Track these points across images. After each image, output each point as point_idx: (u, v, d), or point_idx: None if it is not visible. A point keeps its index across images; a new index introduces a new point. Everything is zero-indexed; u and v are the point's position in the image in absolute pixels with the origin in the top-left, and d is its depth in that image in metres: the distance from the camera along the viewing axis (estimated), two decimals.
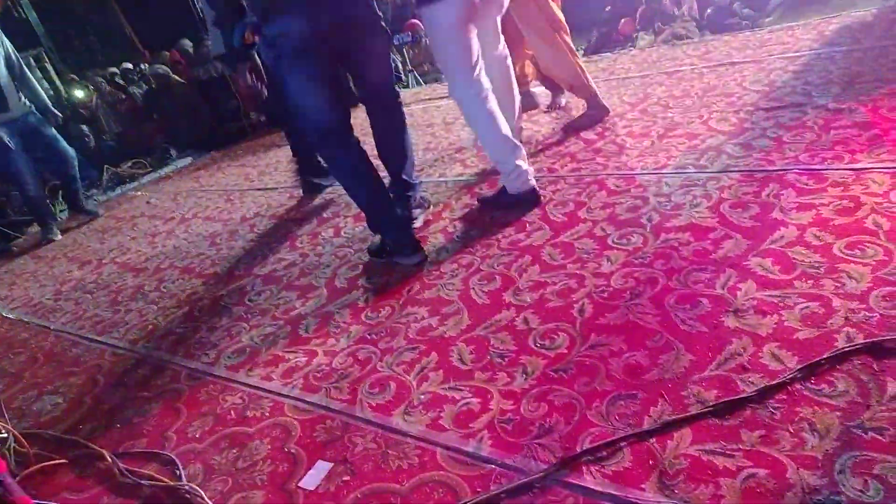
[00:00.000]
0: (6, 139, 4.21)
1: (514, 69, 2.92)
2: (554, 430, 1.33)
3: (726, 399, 1.26)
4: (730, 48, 3.92)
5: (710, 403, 1.26)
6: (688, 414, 1.26)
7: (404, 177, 2.63)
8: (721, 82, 3.25)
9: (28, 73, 4.53)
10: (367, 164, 2.31)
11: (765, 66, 3.28)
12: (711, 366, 1.37)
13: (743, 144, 2.41)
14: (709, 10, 7.67)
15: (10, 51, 4.32)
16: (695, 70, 3.65)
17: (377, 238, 2.43)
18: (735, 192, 2.06)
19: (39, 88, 4.63)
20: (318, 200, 3.48)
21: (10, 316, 3.18)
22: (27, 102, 4.39)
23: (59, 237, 4.64)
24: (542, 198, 2.47)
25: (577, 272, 1.89)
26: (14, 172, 4.40)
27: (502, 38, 2.71)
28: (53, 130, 4.58)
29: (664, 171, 2.40)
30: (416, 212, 2.66)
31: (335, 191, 3.45)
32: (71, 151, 4.77)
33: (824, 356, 1.28)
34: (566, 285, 1.84)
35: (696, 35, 6.82)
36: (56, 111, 4.72)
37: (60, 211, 5.39)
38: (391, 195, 2.44)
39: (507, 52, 2.75)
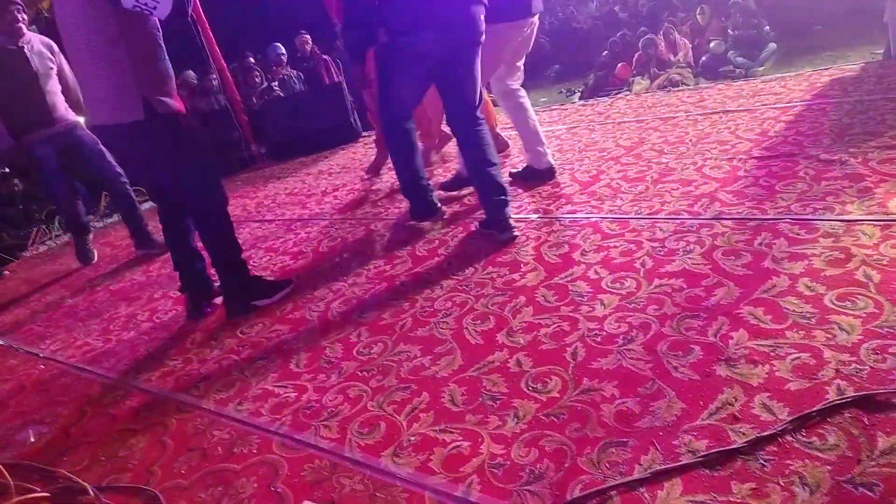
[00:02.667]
0: (42, 158, 3.87)
1: None
2: (544, 477, 1.32)
3: (717, 449, 1.25)
4: (724, 96, 4.01)
5: (701, 453, 1.26)
6: (679, 463, 1.25)
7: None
8: (715, 130, 3.31)
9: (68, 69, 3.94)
10: (414, 153, 2.94)
11: (758, 116, 3.35)
12: (703, 415, 1.37)
13: (736, 192, 2.45)
14: (704, 58, 7.87)
15: (65, 65, 3.89)
16: (689, 117, 3.73)
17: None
18: (728, 239, 2.09)
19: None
20: (313, 234, 3.49)
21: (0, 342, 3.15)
22: (72, 117, 3.95)
23: (95, 258, 4.34)
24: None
25: (571, 315, 1.90)
26: (51, 191, 4.15)
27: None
28: (102, 147, 3.93)
29: (658, 216, 2.43)
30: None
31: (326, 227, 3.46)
32: (118, 168, 4.08)
33: (815, 409, 1.28)
34: (559, 328, 1.85)
35: (691, 81, 6.98)
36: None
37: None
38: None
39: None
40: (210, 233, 2.56)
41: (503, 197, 2.60)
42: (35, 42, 3.84)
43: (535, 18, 3.09)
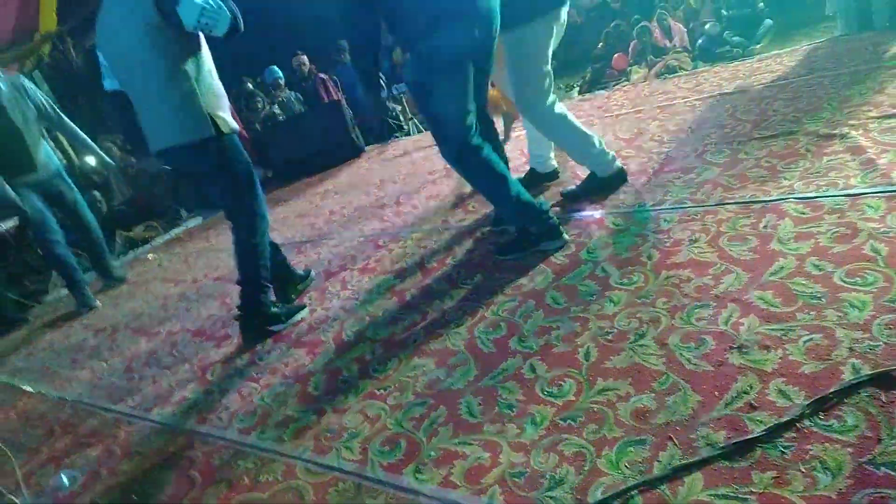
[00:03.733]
0: (30, 205, 4.02)
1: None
2: (565, 482, 1.33)
3: (736, 440, 1.25)
4: (720, 79, 3.99)
5: (720, 445, 1.25)
6: (698, 458, 1.25)
7: None
8: (714, 114, 3.30)
9: (67, 120, 4.21)
10: (503, 163, 2.42)
11: (755, 96, 3.33)
12: (719, 405, 1.36)
13: (738, 176, 2.44)
14: (700, 41, 7.81)
15: (43, 103, 4.09)
16: (687, 103, 3.71)
17: (509, 236, 2.63)
18: (733, 224, 2.08)
19: (81, 134, 4.30)
20: (323, 254, 3.52)
21: (29, 388, 3.21)
22: (54, 163, 4.18)
23: (98, 304, 4.43)
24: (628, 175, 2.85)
25: (581, 315, 1.90)
26: (42, 237, 4.24)
27: None
28: (78, 196, 4.38)
29: (662, 207, 2.42)
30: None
31: (328, 246, 3.49)
32: (93, 219, 4.56)
33: (831, 390, 1.28)
34: (571, 329, 1.85)
35: (688, 66, 6.93)
36: (106, 157, 4.44)
37: (85, 270, 5.30)
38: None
39: None
40: (247, 250, 2.62)
41: None
42: (5, 88, 3.89)
43: (565, 10, 2.60)
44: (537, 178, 3.25)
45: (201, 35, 2.39)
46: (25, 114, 3.93)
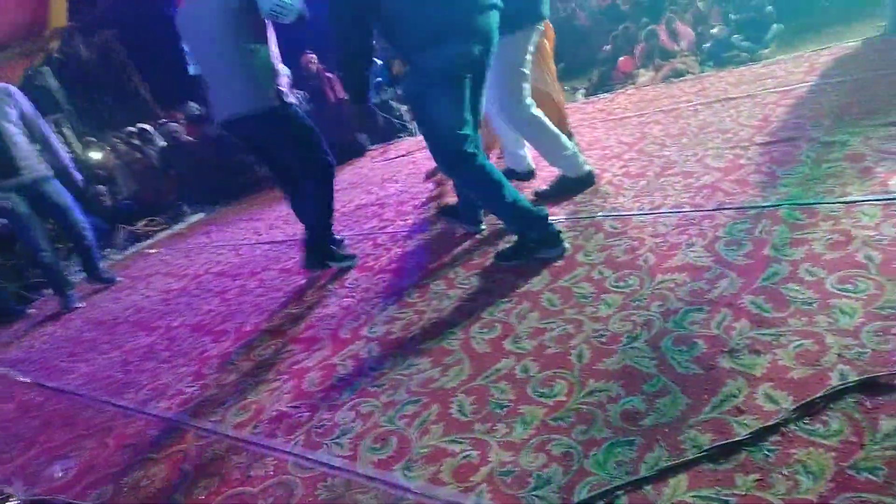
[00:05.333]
0: (14, 206, 4.07)
1: None
2: (552, 481, 1.33)
3: (721, 443, 1.25)
4: (725, 84, 3.99)
5: (705, 448, 1.26)
6: (683, 459, 1.25)
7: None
8: (717, 119, 3.30)
9: (49, 134, 4.30)
10: (498, 172, 2.37)
11: (759, 101, 3.33)
12: (707, 409, 1.37)
13: (738, 181, 2.44)
14: (707, 44, 7.80)
15: (28, 111, 4.14)
16: (691, 107, 3.71)
17: (510, 243, 2.52)
18: (729, 229, 2.08)
19: (61, 150, 4.39)
20: None
21: (26, 380, 3.23)
22: (41, 168, 4.20)
23: (82, 304, 4.46)
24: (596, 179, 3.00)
25: (575, 317, 1.91)
26: (26, 240, 4.27)
27: None
28: (69, 200, 4.38)
29: (660, 210, 2.43)
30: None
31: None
32: (85, 222, 4.54)
33: (818, 395, 1.28)
34: (564, 331, 1.86)
35: (696, 69, 6.92)
36: (78, 175, 4.47)
37: (77, 270, 5.43)
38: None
39: None
40: (320, 197, 2.99)
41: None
42: None
43: (543, 26, 2.80)
44: (512, 177, 3.32)
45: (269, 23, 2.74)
46: (10, 119, 3.97)
